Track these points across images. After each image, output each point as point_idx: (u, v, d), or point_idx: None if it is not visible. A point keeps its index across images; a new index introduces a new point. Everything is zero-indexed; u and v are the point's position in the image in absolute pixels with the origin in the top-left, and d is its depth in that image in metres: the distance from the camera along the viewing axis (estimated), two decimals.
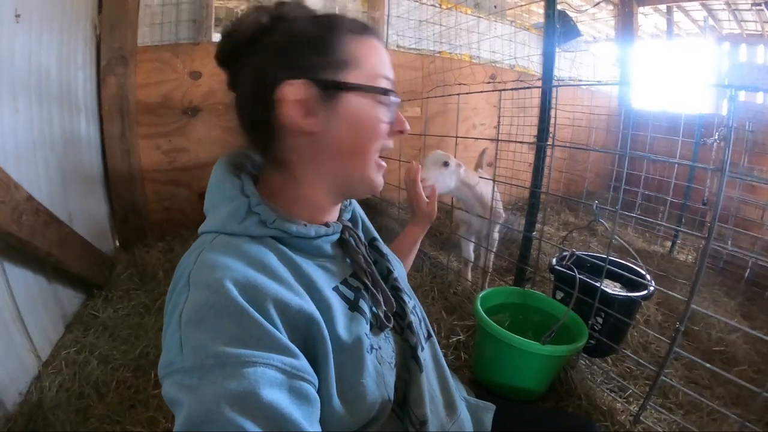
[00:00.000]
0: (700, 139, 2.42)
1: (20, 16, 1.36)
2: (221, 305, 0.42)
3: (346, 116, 0.54)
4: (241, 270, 0.45)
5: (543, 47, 1.51)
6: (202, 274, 0.45)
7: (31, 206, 1.27)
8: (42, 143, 1.55)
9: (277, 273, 0.49)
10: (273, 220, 0.53)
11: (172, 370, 0.41)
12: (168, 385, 0.41)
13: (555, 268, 1.47)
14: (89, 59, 2.01)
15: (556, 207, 3.41)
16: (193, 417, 0.36)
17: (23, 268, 1.34)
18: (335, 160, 0.56)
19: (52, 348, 1.46)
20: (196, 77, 2.32)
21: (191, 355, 0.40)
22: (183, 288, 0.45)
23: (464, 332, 1.61)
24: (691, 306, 1.00)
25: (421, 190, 0.99)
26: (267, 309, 0.44)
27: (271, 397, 0.38)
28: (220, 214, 0.53)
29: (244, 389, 0.37)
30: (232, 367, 0.39)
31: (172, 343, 0.42)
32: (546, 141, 1.53)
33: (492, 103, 3.33)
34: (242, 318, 0.42)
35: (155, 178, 2.38)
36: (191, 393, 0.38)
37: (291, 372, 0.42)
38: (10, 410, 1.18)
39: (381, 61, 0.57)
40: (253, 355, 0.40)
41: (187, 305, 0.43)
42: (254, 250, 0.50)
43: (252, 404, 0.37)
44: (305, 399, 0.42)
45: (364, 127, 0.55)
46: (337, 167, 0.56)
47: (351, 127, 0.54)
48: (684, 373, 1.44)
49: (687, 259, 2.51)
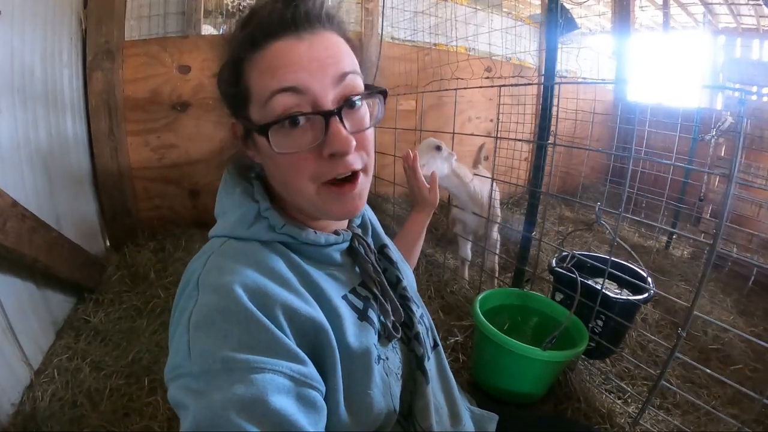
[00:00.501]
0: (698, 135, 2.41)
1: (1, 13, 1.30)
2: (230, 310, 0.42)
3: (264, 152, 0.51)
4: (250, 275, 0.45)
5: (546, 43, 1.47)
6: (212, 278, 0.45)
7: (15, 212, 1.22)
8: (27, 144, 1.50)
9: (286, 279, 0.48)
10: (282, 226, 0.52)
11: (179, 373, 0.40)
12: (174, 389, 0.40)
13: (555, 269, 1.45)
14: (75, 55, 1.94)
15: (552, 201, 3.40)
16: (199, 421, 0.36)
17: (11, 275, 1.30)
18: (281, 188, 0.54)
19: (43, 356, 1.43)
20: (185, 71, 2.26)
21: (199, 359, 0.40)
22: (192, 291, 0.45)
23: (462, 333, 1.60)
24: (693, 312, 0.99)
25: (422, 177, 0.97)
26: (276, 315, 0.43)
27: (279, 404, 0.38)
28: (229, 219, 0.53)
29: (251, 395, 0.37)
30: (240, 373, 0.38)
31: (179, 346, 0.41)
32: (547, 140, 1.50)
33: (488, 96, 3.29)
34: (251, 323, 0.41)
35: (145, 176, 2.33)
36: (198, 397, 0.38)
37: (299, 379, 0.41)
38: (3, 422, 1.16)
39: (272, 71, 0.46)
40: (261, 361, 0.39)
41: (195, 309, 0.43)
42: (263, 255, 0.49)
43: (259, 411, 0.37)
44: (312, 406, 0.42)
45: (281, 163, 0.49)
46: (288, 196, 0.54)
47: (272, 163, 0.51)
48: (682, 373, 1.44)
49: (683, 254, 2.52)
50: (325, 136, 0.47)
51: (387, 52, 2.83)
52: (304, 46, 0.46)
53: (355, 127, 0.50)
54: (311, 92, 0.46)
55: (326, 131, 0.47)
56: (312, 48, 0.47)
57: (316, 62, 0.46)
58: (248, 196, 0.54)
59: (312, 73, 0.46)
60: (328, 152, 0.47)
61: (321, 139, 0.47)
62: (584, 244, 2.64)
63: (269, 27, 0.47)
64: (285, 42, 0.46)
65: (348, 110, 0.49)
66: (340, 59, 0.48)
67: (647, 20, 3.90)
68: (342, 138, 0.46)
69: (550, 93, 1.45)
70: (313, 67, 0.46)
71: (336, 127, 0.47)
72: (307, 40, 0.47)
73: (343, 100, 0.48)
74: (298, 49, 0.46)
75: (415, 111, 2.95)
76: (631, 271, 1.44)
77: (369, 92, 0.52)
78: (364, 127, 0.51)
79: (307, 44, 0.47)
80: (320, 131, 0.47)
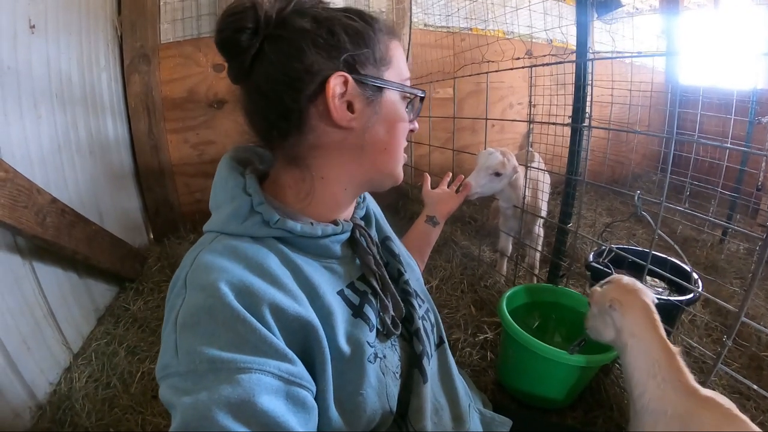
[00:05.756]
0: (754, 118, 2.17)
1: (35, 27, 1.39)
2: (216, 309, 0.41)
3: (384, 114, 0.53)
4: (237, 273, 0.44)
5: (576, 17, 1.36)
6: (199, 277, 0.44)
7: (55, 208, 1.31)
8: (67, 146, 1.60)
9: (276, 277, 0.47)
10: (276, 220, 0.51)
11: (167, 373, 0.40)
12: (164, 388, 0.40)
13: (591, 264, 1.36)
14: (112, 60, 2.05)
15: (600, 191, 3.17)
16: (187, 422, 0.36)
17: (53, 266, 1.40)
18: (368, 155, 0.54)
19: (83, 340, 1.54)
20: (220, 70, 2.32)
21: (185, 359, 0.39)
22: (180, 290, 0.45)
23: (492, 330, 1.54)
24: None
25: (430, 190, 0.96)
26: (263, 314, 0.43)
27: (267, 405, 0.37)
28: (222, 213, 0.52)
29: (238, 396, 0.36)
30: (227, 373, 0.38)
31: (167, 345, 0.41)
32: (582, 122, 1.37)
33: (529, 81, 3.13)
34: (237, 322, 0.41)
35: (185, 172, 2.43)
36: (185, 397, 0.37)
37: (287, 378, 0.41)
38: (40, 399, 1.25)
39: (404, 63, 0.57)
40: (248, 361, 0.39)
41: (182, 308, 0.42)
42: (254, 251, 0.48)
43: (247, 411, 0.36)
44: (302, 406, 0.41)
45: (398, 126, 0.55)
46: (368, 163, 0.55)
47: (388, 125, 0.54)
48: (729, 382, 1.30)
49: (739, 249, 2.28)
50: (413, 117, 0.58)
51: (420, 39, 2.78)
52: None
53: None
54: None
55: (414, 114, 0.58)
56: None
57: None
58: (241, 190, 0.53)
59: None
60: (411, 128, 0.59)
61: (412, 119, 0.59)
62: (631, 237, 2.46)
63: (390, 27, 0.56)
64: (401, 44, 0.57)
65: None
66: None
67: None
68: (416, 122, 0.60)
69: (583, 71, 1.34)
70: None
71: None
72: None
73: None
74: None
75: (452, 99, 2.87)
76: (676, 267, 1.31)
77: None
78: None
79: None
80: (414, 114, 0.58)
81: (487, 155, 1.54)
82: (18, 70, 1.32)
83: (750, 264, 2.08)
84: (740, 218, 2.58)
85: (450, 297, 1.77)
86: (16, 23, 1.32)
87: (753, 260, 2.06)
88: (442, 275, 1.92)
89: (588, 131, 1.36)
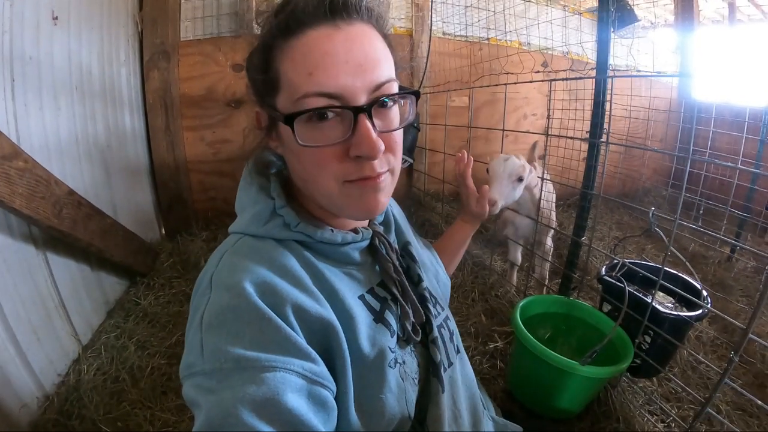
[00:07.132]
0: (765, 137, 2.16)
1: (57, 18, 1.41)
2: (241, 308, 0.42)
3: (288, 145, 0.50)
4: (261, 273, 0.45)
5: (597, 34, 1.37)
6: (224, 277, 0.45)
7: (72, 200, 1.32)
8: (85, 139, 1.61)
9: (299, 278, 0.47)
10: (297, 224, 0.51)
11: (192, 372, 0.40)
12: (188, 387, 0.40)
13: (603, 278, 1.35)
14: (132, 55, 2.07)
15: (609, 205, 3.18)
16: (212, 420, 0.36)
17: (66, 257, 1.41)
18: (301, 184, 0.53)
19: (93, 333, 1.54)
20: (239, 70, 2.34)
21: (211, 358, 0.40)
22: (205, 290, 0.45)
23: (502, 339, 1.54)
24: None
25: (472, 183, 0.89)
26: (286, 313, 0.43)
27: (291, 403, 0.38)
28: (246, 216, 0.53)
29: (263, 394, 0.37)
30: (252, 372, 0.38)
31: (193, 344, 0.42)
32: (600, 137, 1.37)
33: (544, 93, 3.13)
34: (262, 322, 0.41)
35: (200, 169, 2.44)
36: (210, 396, 0.37)
37: (310, 377, 0.41)
38: (48, 390, 1.25)
39: (307, 69, 0.44)
40: (273, 360, 0.39)
41: (208, 307, 0.43)
42: (277, 253, 0.49)
43: (271, 410, 0.37)
44: (323, 405, 0.42)
45: (305, 157, 0.48)
46: (307, 191, 0.53)
47: (295, 156, 0.49)
48: (733, 399, 1.29)
49: (746, 267, 2.27)
50: (352, 135, 0.45)
51: (438, 47, 2.78)
52: (339, 38, 0.44)
53: (385, 127, 0.48)
54: (344, 97, 0.44)
55: (354, 129, 0.45)
56: (348, 42, 0.44)
57: (353, 65, 0.44)
58: (264, 193, 0.54)
59: (347, 76, 0.44)
60: (354, 153, 0.45)
61: (348, 136, 0.45)
62: (642, 252, 2.45)
63: (304, 14, 0.44)
64: (319, 32, 0.44)
65: (379, 108, 0.47)
66: (377, 64, 0.46)
67: (712, 12, 3.56)
68: (371, 140, 0.44)
69: (603, 87, 1.35)
70: (349, 70, 0.43)
71: (365, 126, 0.44)
72: (344, 31, 0.44)
73: (375, 99, 0.46)
74: (332, 42, 0.43)
75: (468, 108, 2.87)
76: (686, 284, 1.30)
77: (402, 93, 0.49)
78: (393, 128, 0.49)
79: (343, 36, 0.44)
80: (348, 127, 0.45)
81: (503, 162, 1.52)
82: (40, 62, 1.34)
83: (757, 282, 2.08)
84: (749, 237, 2.57)
85: (461, 305, 1.77)
86: (39, 15, 1.34)
87: (761, 279, 2.05)
88: (453, 283, 1.89)
89: (605, 147, 1.36)
